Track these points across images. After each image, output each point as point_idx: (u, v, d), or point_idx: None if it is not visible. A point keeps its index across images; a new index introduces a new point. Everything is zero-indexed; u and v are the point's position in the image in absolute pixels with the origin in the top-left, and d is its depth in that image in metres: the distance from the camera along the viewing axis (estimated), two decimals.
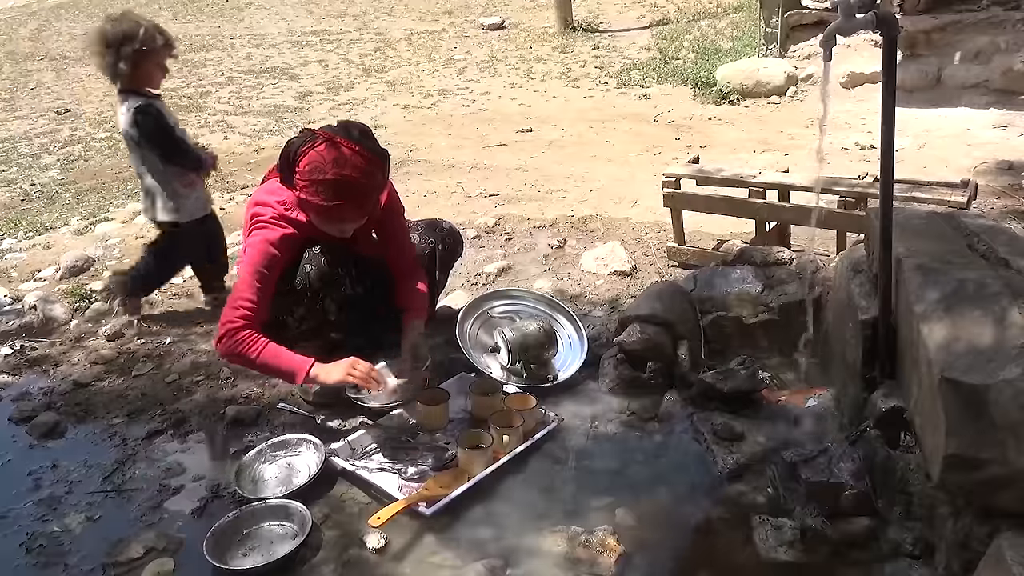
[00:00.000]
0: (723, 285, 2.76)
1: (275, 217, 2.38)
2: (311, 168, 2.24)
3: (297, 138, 2.32)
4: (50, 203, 5.40)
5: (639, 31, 9.84)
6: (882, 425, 1.96)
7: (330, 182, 2.24)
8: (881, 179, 1.96)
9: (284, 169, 2.33)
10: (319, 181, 2.24)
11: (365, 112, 7.43)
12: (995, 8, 5.75)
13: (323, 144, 2.25)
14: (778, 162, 4.95)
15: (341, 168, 2.23)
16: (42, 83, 9.89)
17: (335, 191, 2.25)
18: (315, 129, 2.32)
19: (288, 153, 2.30)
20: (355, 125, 2.38)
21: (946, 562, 1.68)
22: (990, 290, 1.74)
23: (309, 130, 2.33)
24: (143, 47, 2.99)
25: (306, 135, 2.31)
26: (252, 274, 2.32)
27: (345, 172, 2.24)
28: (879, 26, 1.81)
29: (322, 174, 2.23)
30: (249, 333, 2.27)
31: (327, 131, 2.30)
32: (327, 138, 2.26)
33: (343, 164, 2.24)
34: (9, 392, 2.92)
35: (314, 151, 2.25)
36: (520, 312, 2.85)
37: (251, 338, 2.26)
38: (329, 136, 2.27)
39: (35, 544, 2.11)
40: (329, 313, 2.54)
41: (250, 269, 2.33)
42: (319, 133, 2.29)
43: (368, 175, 2.29)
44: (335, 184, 2.24)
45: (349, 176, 2.24)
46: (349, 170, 2.24)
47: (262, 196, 2.43)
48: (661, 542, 1.98)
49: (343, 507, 2.14)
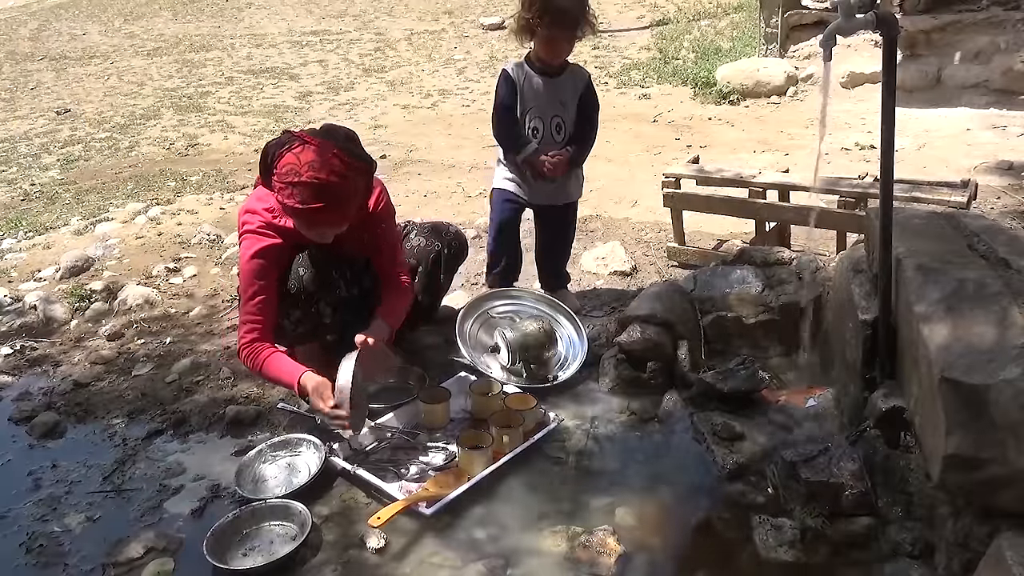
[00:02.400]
0: (723, 285, 2.76)
1: (262, 226, 2.37)
2: (287, 170, 2.20)
3: (276, 140, 2.28)
4: (50, 203, 5.40)
5: (639, 31, 9.85)
6: (882, 425, 1.96)
7: (305, 184, 2.18)
8: (881, 179, 1.96)
9: (263, 171, 2.31)
10: (294, 183, 2.19)
11: (365, 112, 7.44)
12: (995, 8, 5.75)
13: (300, 146, 2.21)
14: (778, 162, 4.96)
15: (317, 171, 2.18)
16: (42, 83, 9.89)
17: (310, 194, 2.20)
18: (295, 132, 2.29)
19: (266, 155, 2.27)
20: (339, 130, 2.35)
21: (946, 562, 1.68)
22: (990, 290, 1.74)
23: (289, 132, 2.29)
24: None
25: (285, 137, 2.27)
26: (249, 287, 2.40)
27: (321, 175, 2.18)
28: (879, 26, 1.81)
29: (297, 176, 2.19)
30: (254, 347, 2.37)
31: (307, 134, 2.26)
32: (305, 141, 2.22)
33: (319, 167, 2.19)
34: (9, 392, 2.92)
35: (291, 153, 2.21)
36: (520, 312, 2.85)
37: (254, 352, 2.37)
38: (308, 139, 2.23)
39: (35, 544, 2.10)
40: (324, 316, 2.54)
41: (244, 284, 2.42)
42: (297, 135, 2.25)
43: (346, 179, 2.24)
44: (310, 186, 2.19)
45: (325, 179, 2.19)
46: (325, 173, 2.19)
47: (252, 203, 2.42)
48: (661, 542, 1.98)
49: (343, 507, 2.13)
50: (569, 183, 3.03)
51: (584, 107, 2.94)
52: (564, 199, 3.07)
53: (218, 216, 4.77)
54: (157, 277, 3.87)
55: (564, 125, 2.93)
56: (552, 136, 2.93)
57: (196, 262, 4.03)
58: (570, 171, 2.98)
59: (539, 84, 2.88)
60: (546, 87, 2.88)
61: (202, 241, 4.27)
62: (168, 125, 7.45)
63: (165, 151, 6.64)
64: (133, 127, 7.52)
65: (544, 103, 2.89)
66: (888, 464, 1.94)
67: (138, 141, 7.01)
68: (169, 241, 4.33)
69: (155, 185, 5.62)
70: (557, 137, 2.94)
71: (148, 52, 11.37)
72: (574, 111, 2.93)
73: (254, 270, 2.38)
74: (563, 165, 2.90)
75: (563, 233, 3.19)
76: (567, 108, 2.92)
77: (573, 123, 2.94)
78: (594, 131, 3.01)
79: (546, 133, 2.92)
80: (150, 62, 10.70)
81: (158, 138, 7.04)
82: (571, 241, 3.26)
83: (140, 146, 6.87)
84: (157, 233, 4.47)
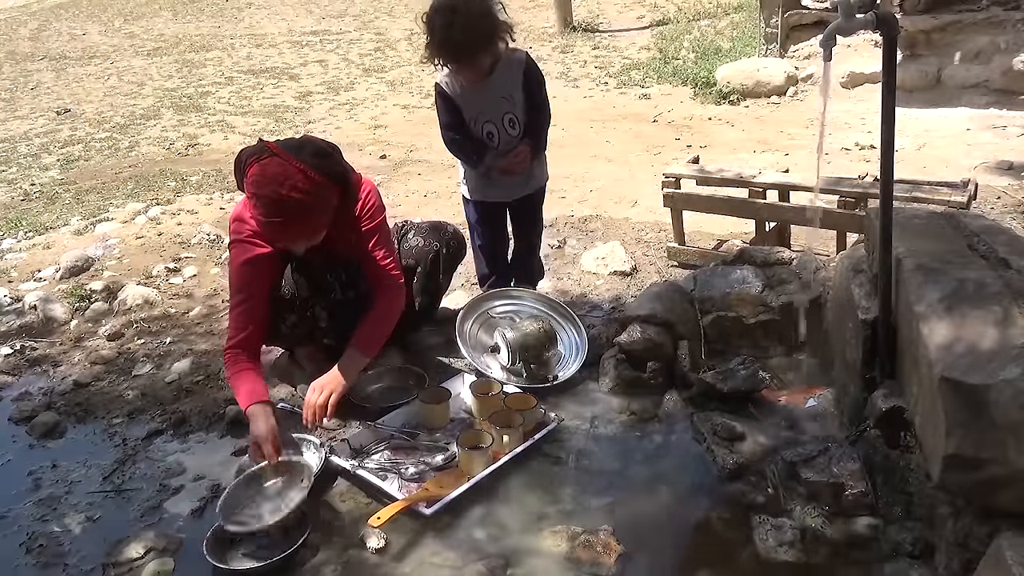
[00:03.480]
0: (723, 285, 2.76)
1: (250, 235, 2.37)
2: (253, 180, 2.19)
3: (248, 148, 2.27)
4: (50, 203, 5.40)
5: (639, 31, 9.85)
6: (882, 425, 1.96)
7: (266, 197, 2.17)
8: (881, 179, 1.96)
9: (238, 178, 2.31)
10: (257, 195, 2.19)
11: (365, 112, 7.44)
12: (995, 8, 5.75)
13: (268, 158, 2.19)
14: (778, 162, 4.96)
15: (279, 186, 2.16)
16: (42, 83, 9.89)
17: (271, 208, 2.18)
18: (268, 142, 2.27)
19: (240, 163, 2.26)
20: (312, 143, 2.32)
21: (946, 562, 1.68)
22: (990, 290, 1.74)
23: (262, 141, 2.28)
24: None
25: (258, 146, 2.25)
26: (238, 293, 2.39)
27: (282, 191, 2.15)
28: (879, 26, 1.81)
29: (259, 188, 2.18)
30: (229, 355, 2.36)
31: (277, 146, 2.24)
32: (275, 152, 2.20)
33: (280, 182, 2.16)
34: (9, 392, 2.92)
35: (259, 164, 2.19)
36: (520, 312, 2.85)
37: (229, 360, 2.36)
38: (276, 150, 2.21)
39: (35, 544, 2.10)
40: (320, 320, 2.54)
41: (231, 291, 2.42)
42: (268, 146, 2.24)
43: (310, 195, 2.20)
44: (271, 202, 2.17)
45: (285, 195, 2.16)
46: (287, 189, 2.16)
47: (240, 211, 2.41)
48: (661, 542, 1.97)
49: (343, 507, 2.13)
50: (535, 170, 2.96)
51: (529, 88, 2.80)
52: (532, 187, 3.00)
53: (218, 216, 4.76)
54: (157, 277, 3.87)
55: (516, 118, 2.81)
56: (508, 133, 2.83)
57: (196, 262, 4.04)
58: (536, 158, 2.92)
59: (477, 90, 2.75)
60: (484, 90, 2.75)
61: (202, 241, 4.27)
62: (168, 125, 7.45)
63: (165, 151, 6.64)
64: (133, 127, 7.52)
65: (489, 105, 2.78)
66: (888, 464, 1.94)
67: (138, 141, 7.01)
68: (169, 241, 4.33)
69: (155, 185, 5.62)
70: (513, 132, 2.83)
71: (148, 52, 11.38)
72: (523, 98, 2.81)
73: (242, 279, 2.38)
74: (526, 159, 2.82)
75: (534, 221, 3.13)
76: (514, 100, 2.79)
77: (525, 111, 2.82)
78: (545, 110, 2.87)
79: (502, 133, 2.82)
80: (150, 62, 10.70)
81: (158, 138, 7.04)
82: (538, 230, 3.18)
83: (140, 146, 6.87)
84: (157, 233, 4.47)
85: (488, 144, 2.84)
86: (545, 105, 2.88)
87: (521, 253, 3.19)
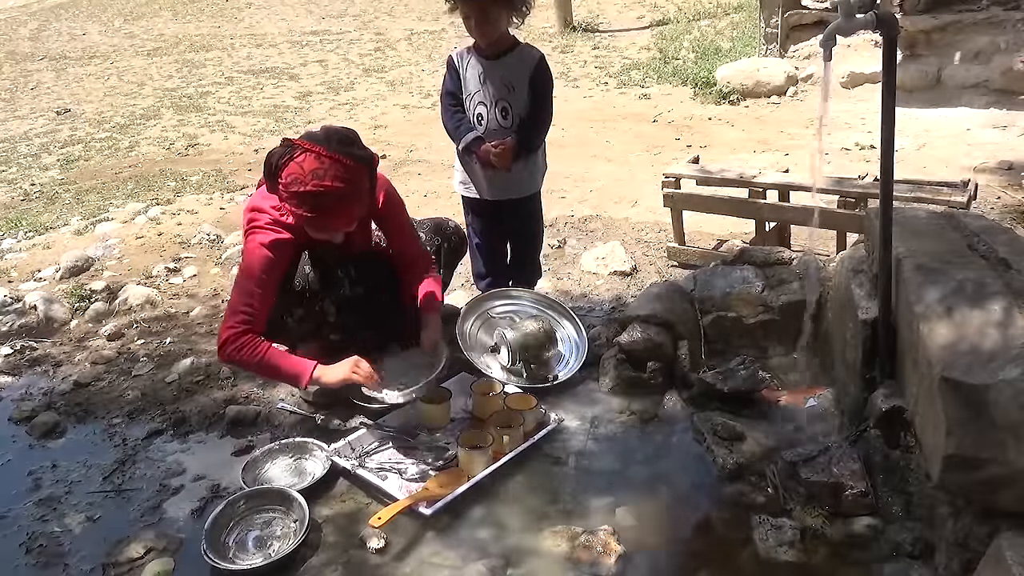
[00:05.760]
0: (723, 285, 2.76)
1: (271, 222, 2.38)
2: (291, 180, 2.22)
3: (277, 150, 2.29)
4: (50, 203, 5.41)
5: (639, 31, 9.85)
6: (882, 425, 1.96)
7: (310, 194, 2.21)
8: (881, 179, 1.96)
9: (269, 180, 2.32)
10: (299, 193, 2.22)
11: (365, 112, 7.44)
12: (995, 8, 5.75)
13: (301, 155, 2.23)
14: (778, 162, 4.96)
15: (320, 179, 2.20)
16: (42, 83, 9.89)
17: (317, 202, 2.23)
18: (294, 139, 2.29)
19: (270, 165, 2.28)
20: (336, 131, 2.35)
21: (946, 562, 1.68)
22: (990, 290, 1.75)
23: (288, 140, 2.30)
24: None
25: (285, 146, 2.28)
26: (250, 279, 2.34)
27: (325, 183, 2.21)
28: (879, 26, 1.81)
29: (302, 186, 2.21)
30: (250, 338, 2.29)
31: (306, 140, 2.27)
32: (306, 149, 2.24)
33: (322, 175, 2.21)
34: (9, 392, 2.92)
35: (293, 163, 2.22)
36: (520, 312, 2.85)
37: (252, 342, 2.29)
38: (308, 146, 2.24)
39: (35, 544, 2.10)
40: (328, 315, 2.54)
41: (248, 274, 2.35)
42: (298, 143, 2.26)
43: (349, 183, 2.26)
44: (315, 196, 2.22)
45: (329, 186, 2.21)
46: (329, 180, 2.21)
47: (258, 201, 2.43)
48: (661, 542, 1.98)
49: (344, 507, 2.13)
50: (522, 173, 2.86)
51: (535, 87, 2.78)
52: (518, 192, 2.91)
53: (218, 216, 4.77)
54: (157, 277, 3.87)
55: (511, 110, 2.77)
56: (498, 122, 2.78)
57: (196, 262, 4.04)
58: (525, 160, 2.83)
59: (481, 68, 2.75)
60: (489, 71, 2.74)
61: (202, 241, 4.28)
62: (168, 125, 7.45)
63: (165, 151, 6.64)
64: (133, 127, 7.53)
65: (487, 88, 2.75)
66: (888, 464, 1.94)
67: (138, 141, 7.01)
68: (169, 241, 4.34)
69: (155, 185, 5.62)
70: (504, 123, 2.78)
71: (148, 52, 11.38)
72: (526, 94, 2.77)
73: (261, 264, 2.35)
74: (508, 153, 2.74)
75: (526, 233, 3.05)
76: (516, 92, 2.76)
77: (524, 107, 2.78)
78: (545, 113, 2.83)
79: (491, 119, 2.78)
80: (150, 62, 10.70)
81: (158, 138, 7.04)
82: (535, 240, 3.10)
83: (140, 146, 6.87)
84: (157, 233, 4.47)
85: (475, 126, 2.81)
86: (546, 107, 2.84)
87: (513, 262, 3.13)
